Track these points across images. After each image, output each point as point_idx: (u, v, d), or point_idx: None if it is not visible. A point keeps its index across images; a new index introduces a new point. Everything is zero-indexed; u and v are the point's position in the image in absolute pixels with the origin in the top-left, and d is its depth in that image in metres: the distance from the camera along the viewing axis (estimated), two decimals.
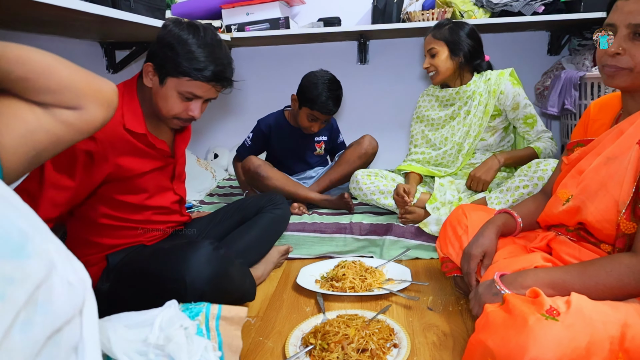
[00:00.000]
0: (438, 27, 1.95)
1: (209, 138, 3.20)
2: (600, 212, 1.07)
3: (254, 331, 1.40)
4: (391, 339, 1.27)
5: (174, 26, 1.28)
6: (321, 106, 2.04)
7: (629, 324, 0.86)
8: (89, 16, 1.56)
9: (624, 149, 1.05)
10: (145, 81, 1.31)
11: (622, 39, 1.04)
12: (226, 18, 2.55)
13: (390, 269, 1.74)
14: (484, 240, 1.31)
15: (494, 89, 1.92)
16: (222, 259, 1.27)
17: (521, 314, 0.89)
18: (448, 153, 2.02)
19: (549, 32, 2.80)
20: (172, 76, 1.27)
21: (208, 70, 1.27)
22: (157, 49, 1.28)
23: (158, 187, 1.43)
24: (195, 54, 1.26)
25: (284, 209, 1.79)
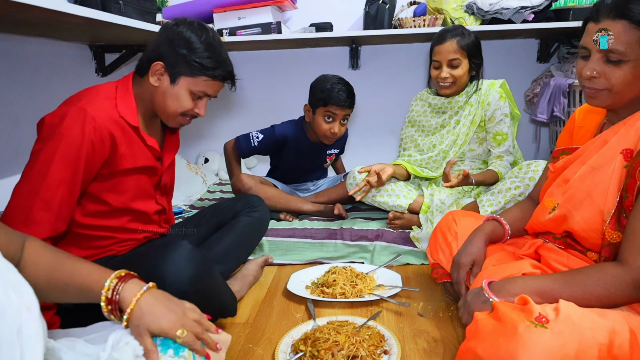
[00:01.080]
0: (461, 36, 1.83)
1: (199, 142, 3.18)
2: (586, 222, 1.08)
3: (243, 338, 1.38)
4: (381, 345, 1.26)
5: (185, 26, 1.28)
6: (336, 98, 2.00)
7: (616, 330, 0.87)
8: (79, 19, 1.54)
9: (608, 159, 1.06)
10: (152, 80, 1.29)
11: (595, 62, 1.06)
12: (218, 22, 2.54)
13: (381, 275, 1.73)
14: (472, 248, 1.31)
15: (483, 99, 1.91)
16: (202, 258, 1.22)
17: (511, 322, 0.89)
18: (433, 159, 2.02)
19: (538, 40, 2.83)
20: (187, 75, 1.28)
21: (222, 70, 1.31)
22: (167, 48, 1.27)
23: (141, 191, 1.38)
24: (209, 54, 1.28)
25: (262, 211, 1.72)
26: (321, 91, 2.03)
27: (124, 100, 1.29)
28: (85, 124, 1.16)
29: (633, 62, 1.01)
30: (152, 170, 1.39)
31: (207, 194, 2.66)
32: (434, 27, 2.44)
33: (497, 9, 2.36)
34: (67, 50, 2.36)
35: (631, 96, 1.06)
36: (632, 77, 1.03)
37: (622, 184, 1.02)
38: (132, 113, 1.29)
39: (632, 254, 0.96)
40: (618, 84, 1.04)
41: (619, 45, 1.01)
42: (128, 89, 1.32)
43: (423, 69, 2.88)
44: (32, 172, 1.14)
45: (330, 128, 2.06)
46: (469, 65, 1.86)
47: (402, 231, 1.93)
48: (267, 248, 1.95)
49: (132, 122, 1.28)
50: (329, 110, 2.03)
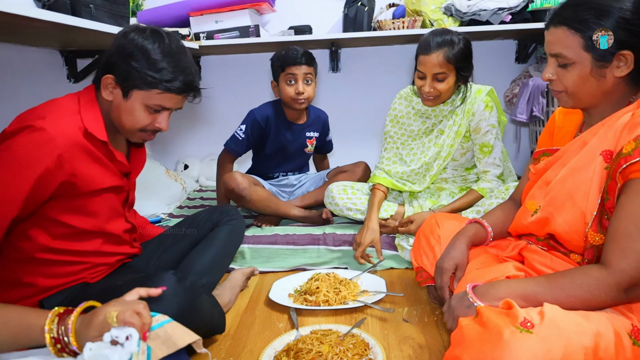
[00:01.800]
0: (450, 46, 1.68)
1: (178, 148, 3.12)
2: (568, 224, 1.08)
3: (224, 351, 1.34)
4: (366, 354, 1.23)
5: (136, 34, 1.18)
6: (291, 57, 2.01)
7: (601, 333, 0.86)
8: (46, 24, 1.48)
9: (588, 160, 1.06)
10: (104, 94, 1.20)
11: (551, 66, 1.12)
12: (194, 26, 2.50)
13: (365, 280, 1.71)
14: (455, 252, 1.30)
15: (468, 108, 1.83)
16: (189, 291, 1.16)
17: (496, 327, 0.87)
18: (416, 172, 1.93)
19: (516, 41, 2.85)
20: (139, 89, 1.18)
21: (178, 81, 1.19)
22: (117, 59, 1.17)
23: (111, 211, 1.29)
24: (164, 65, 1.17)
25: (239, 219, 1.66)
26: (277, 59, 2.05)
27: (89, 113, 1.19)
28: (41, 148, 1.05)
29: (578, 64, 1.06)
30: (119, 188, 1.31)
31: (187, 201, 2.61)
32: (413, 28, 2.43)
33: (475, 10, 2.36)
34: (36, 55, 2.29)
35: (589, 97, 1.09)
36: (580, 78, 1.07)
37: (603, 186, 1.02)
38: (99, 127, 1.20)
39: (615, 257, 0.95)
40: (570, 86, 1.09)
41: (562, 50, 1.07)
42: (92, 100, 1.22)
43: (404, 71, 2.87)
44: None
45: (295, 89, 2.05)
46: (455, 78, 1.74)
47: (386, 235, 1.90)
48: (249, 255, 1.91)
49: (101, 137, 1.19)
50: (288, 73, 2.03)
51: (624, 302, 0.96)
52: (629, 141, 0.96)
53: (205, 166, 3.01)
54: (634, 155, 0.93)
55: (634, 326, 0.92)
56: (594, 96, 1.08)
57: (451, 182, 1.99)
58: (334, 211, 2.01)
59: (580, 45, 1.04)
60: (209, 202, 2.57)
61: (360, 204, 1.96)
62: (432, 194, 1.99)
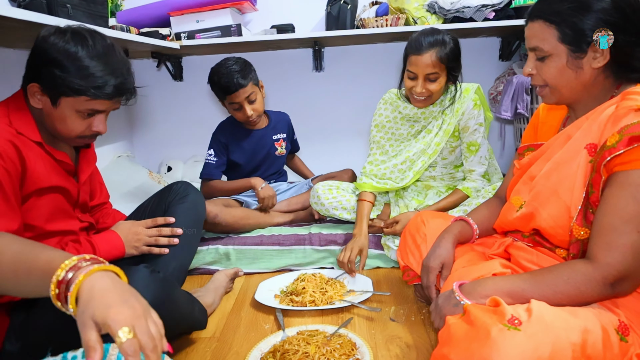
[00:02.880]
0: (441, 45, 1.65)
1: (161, 150, 3.08)
2: (553, 218, 1.07)
3: (209, 354, 1.32)
4: (353, 354, 1.22)
5: (57, 38, 1.10)
6: (226, 89, 1.96)
7: (589, 329, 0.86)
8: (22, 23, 1.44)
9: (572, 154, 1.05)
10: (32, 102, 1.13)
11: (530, 61, 1.13)
12: (175, 25, 2.46)
13: (351, 280, 1.69)
14: (441, 251, 1.29)
15: (457, 108, 1.82)
16: (162, 282, 1.12)
17: (483, 325, 0.86)
18: (398, 167, 1.89)
19: (500, 38, 2.86)
20: (67, 96, 1.11)
21: (109, 86, 1.12)
22: (40, 66, 1.10)
23: (59, 211, 1.24)
24: (90, 70, 1.09)
25: (195, 192, 1.56)
26: (216, 88, 2.01)
27: (17, 116, 1.13)
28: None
29: (554, 56, 1.07)
30: (65, 189, 1.25)
31: None
32: (396, 26, 2.43)
33: (458, 7, 2.36)
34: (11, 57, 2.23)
35: (569, 90, 1.09)
36: (557, 70, 1.08)
37: (588, 179, 1.01)
38: (31, 128, 1.14)
39: (601, 251, 0.94)
40: (549, 78, 1.10)
41: (538, 43, 1.08)
42: (22, 105, 1.16)
43: (388, 69, 2.86)
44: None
45: (243, 114, 2.03)
46: (447, 78, 1.73)
47: (373, 235, 1.89)
48: (234, 257, 1.88)
49: (33, 137, 1.14)
50: (231, 102, 2.01)
51: (610, 297, 0.96)
52: (613, 133, 0.95)
53: (188, 168, 2.97)
54: (618, 147, 0.93)
55: (621, 322, 0.92)
56: (574, 89, 1.08)
57: (439, 180, 1.98)
58: (320, 211, 1.99)
59: (555, 37, 1.05)
60: None
61: (346, 201, 1.94)
62: (419, 193, 1.98)
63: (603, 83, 1.07)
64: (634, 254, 0.91)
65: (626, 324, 0.92)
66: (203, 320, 1.35)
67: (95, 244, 1.27)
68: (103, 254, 1.27)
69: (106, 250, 1.29)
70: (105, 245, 1.30)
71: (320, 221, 2.06)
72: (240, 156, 2.18)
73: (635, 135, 0.90)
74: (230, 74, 1.95)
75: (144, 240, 1.37)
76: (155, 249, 1.38)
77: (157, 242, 1.38)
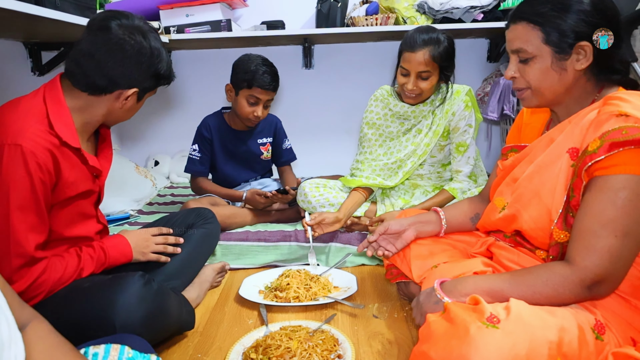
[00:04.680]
0: (435, 44, 1.67)
1: (148, 145, 3.06)
2: (534, 221, 1.09)
3: (192, 348, 1.32)
4: (335, 349, 1.23)
5: (137, 34, 1.18)
6: (260, 82, 1.92)
7: (565, 328, 0.87)
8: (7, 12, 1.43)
9: (554, 158, 1.06)
10: (116, 104, 1.22)
11: (513, 64, 1.12)
12: (164, 19, 2.45)
13: (336, 277, 1.70)
14: (399, 221, 1.41)
15: (447, 109, 1.83)
16: (156, 295, 1.14)
17: (462, 323, 0.88)
18: (389, 166, 1.91)
19: (488, 40, 2.88)
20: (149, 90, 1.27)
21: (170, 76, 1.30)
22: (138, 72, 1.20)
23: (81, 215, 1.27)
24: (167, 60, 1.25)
25: (214, 223, 1.66)
26: (245, 72, 1.94)
27: (59, 117, 1.13)
28: (28, 163, 1.04)
29: (538, 57, 1.07)
30: (90, 192, 1.28)
31: (157, 198, 2.56)
32: (386, 25, 2.44)
33: (448, 8, 2.38)
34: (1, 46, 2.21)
35: (551, 92, 1.09)
36: (541, 73, 1.07)
37: (569, 184, 1.03)
38: (71, 133, 1.15)
39: (580, 254, 0.96)
40: (533, 80, 1.09)
41: (522, 44, 1.07)
42: (60, 102, 1.16)
43: (377, 68, 2.87)
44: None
45: (253, 111, 1.99)
46: (439, 77, 1.74)
47: (358, 232, 1.90)
48: (220, 252, 1.88)
49: (74, 143, 1.15)
50: (252, 94, 1.96)
51: (587, 299, 0.98)
52: (595, 139, 0.96)
53: (176, 162, 2.96)
54: (599, 153, 0.94)
55: (597, 321, 0.94)
56: (556, 91, 1.09)
57: (426, 178, 1.99)
58: (307, 209, 1.99)
59: (540, 39, 1.05)
60: (180, 198, 2.53)
61: (333, 198, 1.94)
62: (406, 191, 1.99)
63: (584, 86, 1.08)
64: (610, 258, 0.92)
65: (602, 323, 0.94)
66: (191, 321, 1.36)
67: (106, 251, 1.28)
68: (112, 260, 1.30)
69: (115, 257, 1.31)
70: (114, 251, 1.31)
71: None
72: (221, 154, 2.16)
73: (616, 142, 0.92)
74: (273, 73, 1.97)
75: (152, 247, 1.40)
76: (162, 257, 1.42)
77: (165, 250, 1.43)
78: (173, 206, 2.40)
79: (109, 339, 0.91)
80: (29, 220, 1.07)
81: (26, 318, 0.78)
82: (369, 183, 1.90)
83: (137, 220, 2.14)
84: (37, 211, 1.09)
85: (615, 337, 0.94)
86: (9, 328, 0.65)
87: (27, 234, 1.07)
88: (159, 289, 1.18)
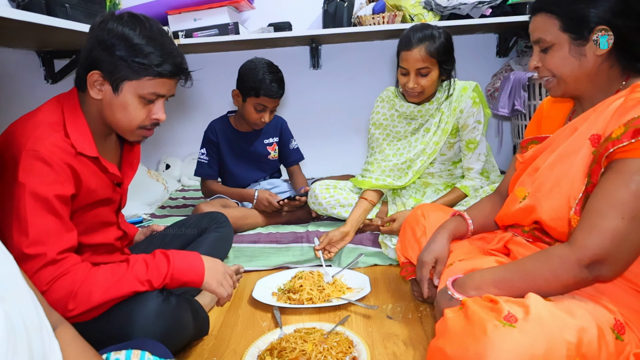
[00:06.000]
0: (430, 40, 1.68)
1: (159, 148, 3.08)
2: (554, 210, 1.07)
3: (207, 351, 1.33)
4: (350, 351, 1.23)
5: (114, 22, 1.09)
6: (267, 90, 1.95)
7: (585, 328, 0.86)
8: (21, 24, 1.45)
9: (577, 146, 1.05)
10: (92, 93, 1.12)
11: (536, 54, 1.14)
12: (173, 24, 2.46)
13: (348, 278, 1.70)
14: (435, 246, 1.31)
15: (455, 106, 1.82)
16: (174, 310, 1.13)
17: (480, 321, 0.88)
18: (398, 167, 1.90)
19: (497, 35, 2.86)
20: (130, 79, 1.11)
21: (168, 64, 1.12)
22: (99, 52, 1.09)
23: (101, 223, 1.24)
24: (150, 49, 1.10)
25: (227, 227, 1.67)
26: (252, 81, 1.97)
27: (75, 127, 1.12)
28: (44, 168, 1.04)
29: (557, 45, 1.09)
30: (111, 199, 1.26)
31: (169, 201, 2.58)
32: (393, 24, 2.43)
33: (455, 4, 2.36)
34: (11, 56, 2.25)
35: (574, 79, 1.09)
36: (561, 60, 1.09)
37: (589, 170, 1.01)
38: (88, 142, 1.14)
39: (582, 233, 0.95)
40: (555, 68, 1.11)
41: (541, 34, 1.10)
42: (76, 110, 1.15)
43: (385, 67, 2.87)
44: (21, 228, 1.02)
45: (260, 117, 2.03)
46: (439, 72, 1.74)
47: (370, 233, 1.90)
48: (232, 255, 1.89)
49: (91, 153, 1.13)
50: (260, 103, 1.99)
51: (589, 282, 0.96)
52: (619, 126, 0.94)
53: (186, 165, 2.98)
54: (622, 139, 0.92)
55: (617, 320, 0.92)
56: (579, 78, 1.08)
57: (437, 176, 1.99)
58: (318, 211, 2.00)
59: (556, 27, 1.07)
60: (191, 201, 2.54)
61: (344, 199, 1.94)
62: (417, 190, 1.99)
63: (608, 73, 1.07)
64: (613, 239, 0.91)
65: (622, 323, 0.92)
66: (206, 327, 1.37)
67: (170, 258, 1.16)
68: (177, 271, 1.15)
69: (182, 268, 1.17)
70: (182, 262, 1.18)
71: (317, 219, 2.07)
72: (229, 156, 2.18)
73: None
74: (279, 80, 1.99)
75: (229, 285, 1.26)
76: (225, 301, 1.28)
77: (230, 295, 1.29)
78: (185, 209, 2.41)
79: (130, 344, 0.93)
80: (49, 223, 1.04)
81: (54, 323, 0.79)
82: (378, 184, 1.89)
83: (150, 224, 2.15)
84: (56, 215, 1.05)
85: (637, 336, 0.93)
86: (49, 336, 0.67)
87: (49, 236, 1.04)
88: (177, 304, 1.17)
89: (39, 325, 0.65)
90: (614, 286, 0.98)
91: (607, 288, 0.98)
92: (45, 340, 0.65)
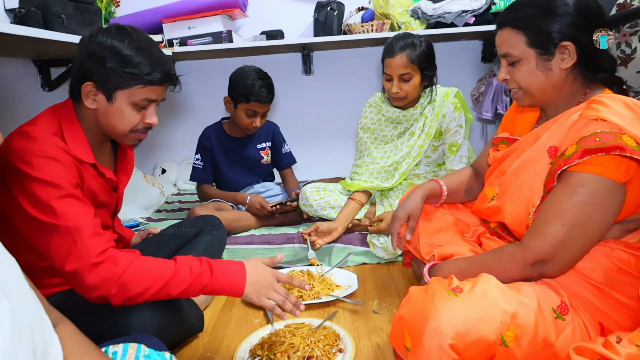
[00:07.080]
0: (411, 47, 1.79)
1: (155, 153, 3.15)
2: (516, 213, 1.17)
3: (202, 347, 1.40)
4: (337, 344, 1.30)
5: (104, 35, 1.16)
6: (257, 96, 2.03)
7: (525, 302, 0.99)
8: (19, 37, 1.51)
9: (537, 155, 1.14)
10: (87, 103, 1.19)
11: (504, 67, 1.20)
12: (167, 32, 2.54)
13: (337, 276, 1.78)
14: (409, 203, 1.43)
15: (437, 111, 1.92)
16: (169, 307, 1.21)
17: (432, 291, 1.03)
18: (385, 169, 2.00)
19: (481, 41, 2.95)
20: (122, 88, 1.17)
21: (157, 72, 1.19)
22: (91, 65, 1.16)
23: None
24: (139, 59, 1.16)
25: (221, 229, 1.72)
26: (242, 87, 2.04)
27: (72, 136, 1.19)
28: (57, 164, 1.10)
29: (524, 60, 1.14)
30: (108, 203, 1.34)
31: (165, 205, 2.64)
32: (381, 32, 2.51)
33: (440, 13, 2.45)
34: (8, 65, 2.31)
35: (540, 92, 1.16)
36: (528, 74, 1.15)
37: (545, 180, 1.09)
38: (86, 150, 1.20)
39: (529, 237, 1.07)
40: (522, 82, 1.16)
41: (508, 49, 1.15)
42: (72, 120, 1.22)
43: (373, 73, 2.95)
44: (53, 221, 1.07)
45: (252, 122, 2.10)
46: (421, 77, 1.84)
47: (359, 232, 1.98)
48: (226, 256, 1.96)
49: (87, 159, 1.20)
50: (250, 108, 2.07)
51: (535, 276, 1.08)
52: (572, 143, 1.02)
53: (182, 170, 3.04)
54: (573, 158, 1.00)
55: (563, 302, 1.03)
56: (545, 91, 1.15)
57: (423, 178, 2.07)
58: (309, 212, 2.07)
59: (523, 42, 1.12)
60: (187, 205, 2.61)
61: (334, 201, 2.02)
62: (403, 191, 2.06)
63: (572, 84, 1.14)
64: (554, 243, 1.02)
65: (567, 305, 1.03)
66: (200, 325, 1.43)
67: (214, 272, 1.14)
68: (217, 286, 1.14)
69: (222, 285, 1.15)
70: (223, 277, 1.15)
71: (308, 220, 2.15)
72: (223, 161, 2.26)
73: (588, 149, 0.98)
74: (269, 86, 2.06)
75: (271, 294, 1.18)
76: (277, 310, 1.18)
77: (282, 305, 1.18)
78: (181, 213, 2.48)
79: (127, 339, 0.99)
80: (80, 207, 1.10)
81: (54, 321, 0.86)
82: (366, 186, 1.98)
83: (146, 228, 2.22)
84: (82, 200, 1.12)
85: (582, 320, 1.03)
86: (49, 331, 0.73)
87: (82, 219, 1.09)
88: (173, 301, 1.24)
89: (40, 321, 0.71)
90: (566, 277, 1.08)
91: (562, 278, 1.08)
92: (46, 334, 0.71)
